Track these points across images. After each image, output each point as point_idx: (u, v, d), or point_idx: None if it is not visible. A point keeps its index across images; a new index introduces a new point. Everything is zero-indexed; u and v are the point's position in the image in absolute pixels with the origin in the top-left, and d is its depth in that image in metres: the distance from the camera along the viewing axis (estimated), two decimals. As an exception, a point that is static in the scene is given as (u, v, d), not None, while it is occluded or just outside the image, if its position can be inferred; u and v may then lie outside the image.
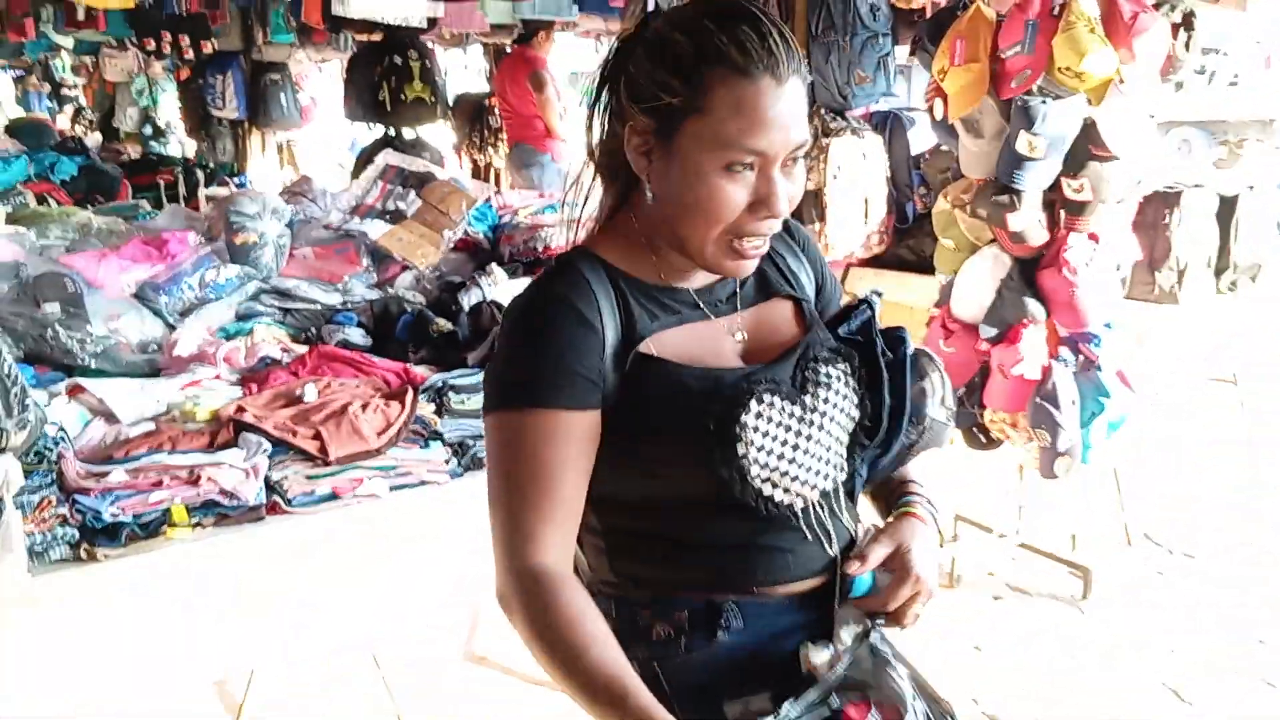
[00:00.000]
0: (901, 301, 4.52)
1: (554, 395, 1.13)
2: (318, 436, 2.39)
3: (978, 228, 3.65)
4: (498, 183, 7.43)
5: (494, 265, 3.32)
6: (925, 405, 1.37)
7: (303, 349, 3.00)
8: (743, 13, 1.13)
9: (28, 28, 8.04)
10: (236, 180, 7.49)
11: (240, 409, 2.45)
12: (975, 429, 3.80)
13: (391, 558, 2.40)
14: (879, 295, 1.35)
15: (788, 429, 1.20)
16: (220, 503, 2.25)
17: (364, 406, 2.49)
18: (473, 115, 7.28)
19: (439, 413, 2.60)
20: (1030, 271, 3.55)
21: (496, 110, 7.15)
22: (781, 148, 1.12)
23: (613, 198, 1.28)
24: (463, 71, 8.36)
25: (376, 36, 6.86)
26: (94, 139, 7.97)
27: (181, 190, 6.73)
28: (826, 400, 1.25)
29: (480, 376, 2.74)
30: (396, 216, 3.72)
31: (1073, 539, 3.84)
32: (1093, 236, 3.48)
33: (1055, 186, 3.47)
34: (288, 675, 2.89)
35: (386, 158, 3.99)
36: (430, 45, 7.52)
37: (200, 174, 7.11)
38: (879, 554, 1.26)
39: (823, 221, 4.53)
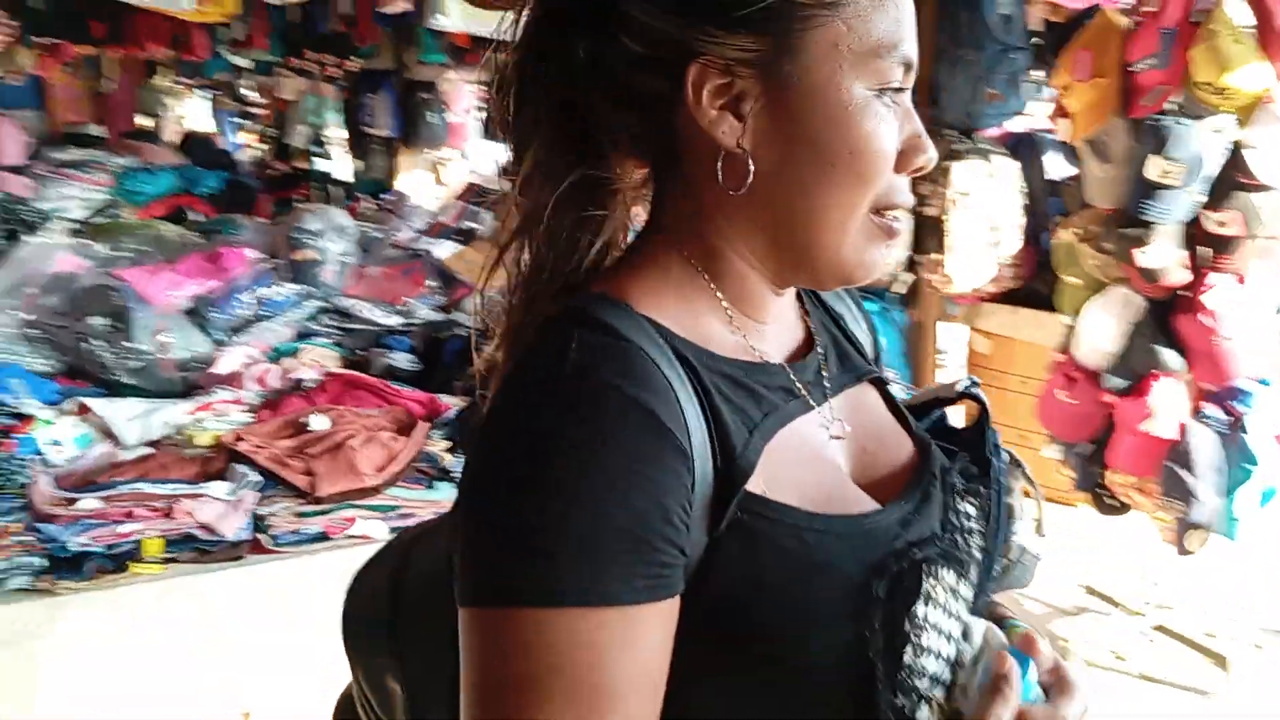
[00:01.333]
0: (1035, 341, 4.10)
1: (628, 579, 0.67)
2: (310, 471, 2.22)
3: (1105, 264, 3.22)
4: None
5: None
6: (1013, 531, 1.01)
7: (342, 373, 2.86)
8: None
9: (197, 47, 8.42)
10: (382, 196, 7.59)
11: (238, 437, 2.31)
12: (1100, 490, 3.35)
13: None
14: (976, 384, 0.96)
15: (948, 612, 0.78)
16: (198, 537, 2.11)
17: (368, 440, 2.31)
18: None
19: (454, 449, 2.40)
20: (1165, 315, 3.11)
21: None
22: (914, 69, 0.78)
23: (618, 221, 0.82)
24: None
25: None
26: (248, 154, 8.22)
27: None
28: (969, 553, 0.84)
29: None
30: (469, 236, 3.57)
31: (1211, 623, 3.35)
32: (1239, 277, 3.01)
33: (1196, 220, 3.02)
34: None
35: (469, 176, 3.85)
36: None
37: (338, 189, 7.21)
38: (1047, 657, 0.82)
39: (943, 252, 4.15)
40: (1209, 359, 3.02)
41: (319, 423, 2.39)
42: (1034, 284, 4.29)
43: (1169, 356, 3.07)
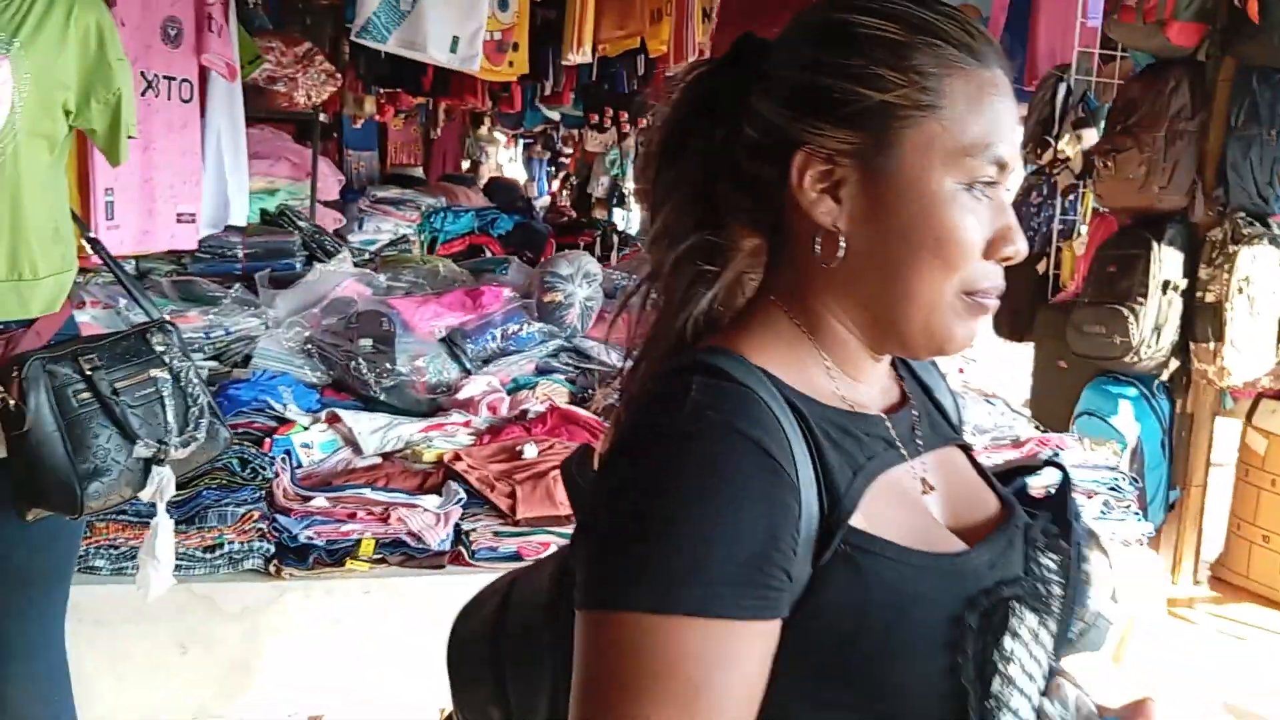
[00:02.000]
0: (1318, 447, 3.73)
1: (737, 597, 0.73)
2: (513, 495, 2.39)
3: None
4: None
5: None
6: (1088, 595, 1.05)
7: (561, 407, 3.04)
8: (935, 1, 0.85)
9: (516, 100, 9.12)
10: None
11: (456, 456, 2.52)
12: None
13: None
14: (1058, 455, 1.02)
15: (1030, 653, 0.83)
16: (407, 543, 2.32)
17: (570, 473, 2.45)
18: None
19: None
20: None
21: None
22: (1016, 165, 0.85)
23: (729, 283, 0.90)
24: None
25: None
26: (543, 201, 8.78)
27: (597, 250, 7.20)
28: (1039, 590, 0.89)
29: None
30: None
31: None
32: None
33: None
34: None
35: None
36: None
37: (616, 238, 7.57)
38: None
39: (1220, 341, 3.87)
40: None
41: (530, 451, 2.56)
42: (1324, 384, 3.92)
43: None
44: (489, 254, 6.53)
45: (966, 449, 1.00)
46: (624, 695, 0.73)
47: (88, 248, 2.06)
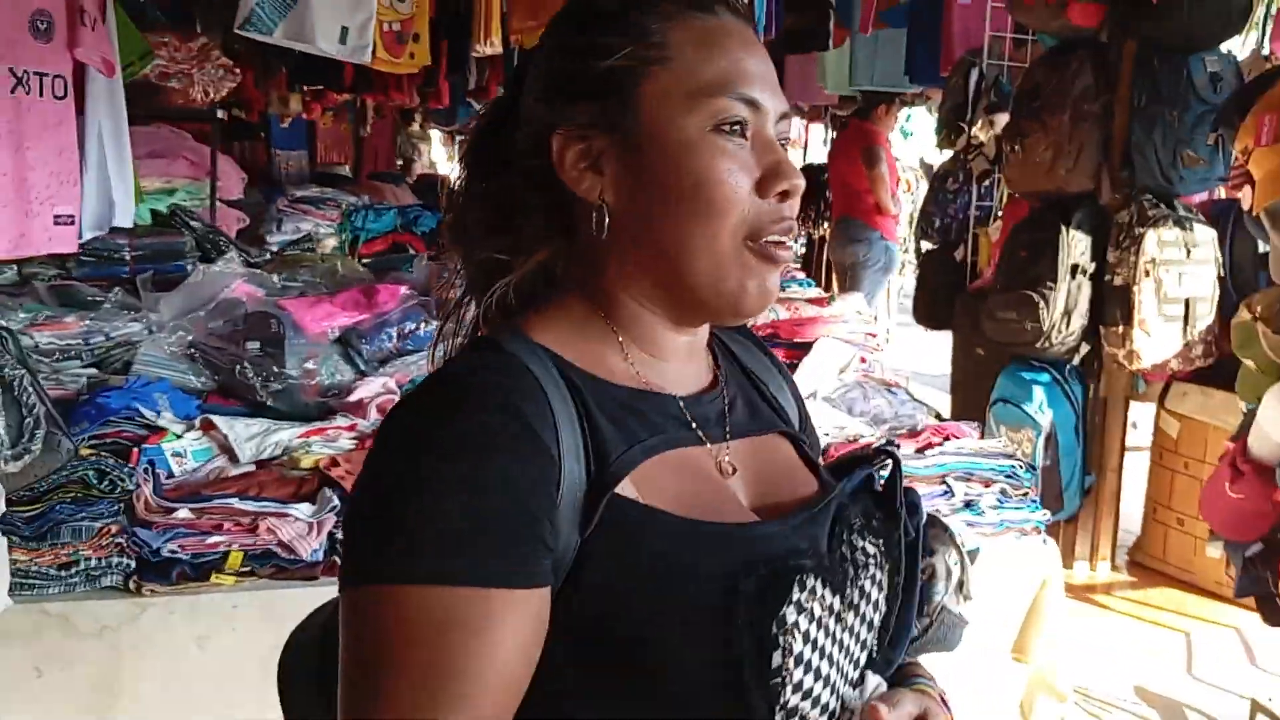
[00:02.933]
0: (1227, 426, 3.74)
1: (493, 565, 0.72)
2: (390, 500, 2.31)
3: (1283, 347, 2.91)
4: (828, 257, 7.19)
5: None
6: (934, 590, 1.02)
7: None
8: None
9: (444, 96, 8.98)
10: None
11: (333, 462, 2.43)
12: (1271, 600, 3.01)
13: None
14: (896, 447, 0.98)
15: (827, 631, 0.81)
16: (278, 554, 2.23)
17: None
18: (810, 188, 7.09)
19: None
20: (1352, 408, 2.77)
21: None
22: (771, 103, 0.84)
23: (525, 277, 0.90)
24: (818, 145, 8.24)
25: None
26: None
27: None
28: (862, 588, 0.86)
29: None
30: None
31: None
32: None
33: (1395, 302, 2.69)
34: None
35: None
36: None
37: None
38: (906, 712, 0.85)
39: (1128, 324, 3.89)
40: (1401, 461, 2.67)
41: (413, 455, 2.48)
42: (1231, 364, 3.93)
43: (1353, 455, 2.73)
44: (412, 252, 6.42)
45: (794, 439, 0.98)
46: (372, 671, 0.72)
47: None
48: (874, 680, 0.87)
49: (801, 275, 3.85)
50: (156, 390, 2.72)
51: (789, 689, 0.78)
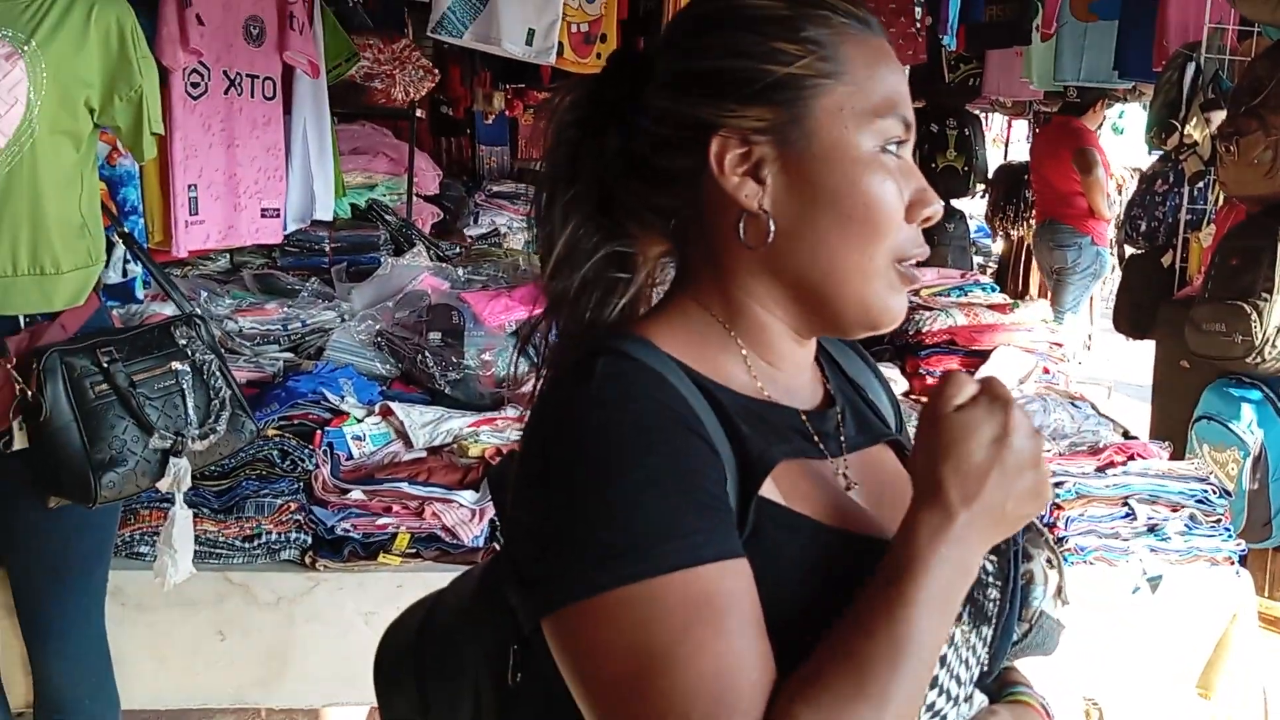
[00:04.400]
0: None
1: (717, 537, 0.73)
2: (550, 492, 2.36)
3: None
4: (1029, 259, 6.90)
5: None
6: (1032, 595, 1.01)
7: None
8: None
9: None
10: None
11: (498, 452, 2.50)
12: None
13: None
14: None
15: (955, 648, 0.85)
16: (441, 538, 2.32)
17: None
18: (1010, 186, 6.83)
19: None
20: None
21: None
22: (912, 127, 0.86)
23: (640, 282, 0.89)
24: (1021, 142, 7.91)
25: (919, 103, 6.77)
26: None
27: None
28: (981, 605, 0.88)
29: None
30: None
31: None
32: None
33: None
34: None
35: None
36: (979, 113, 7.23)
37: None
38: None
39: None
40: None
41: (575, 448, 2.52)
42: None
43: None
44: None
45: (898, 446, 0.98)
46: (647, 675, 0.69)
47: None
48: (979, 698, 0.89)
49: (985, 279, 3.70)
50: (342, 375, 2.86)
51: (926, 713, 0.81)
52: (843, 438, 0.91)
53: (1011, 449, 0.75)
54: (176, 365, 1.94)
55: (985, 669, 0.90)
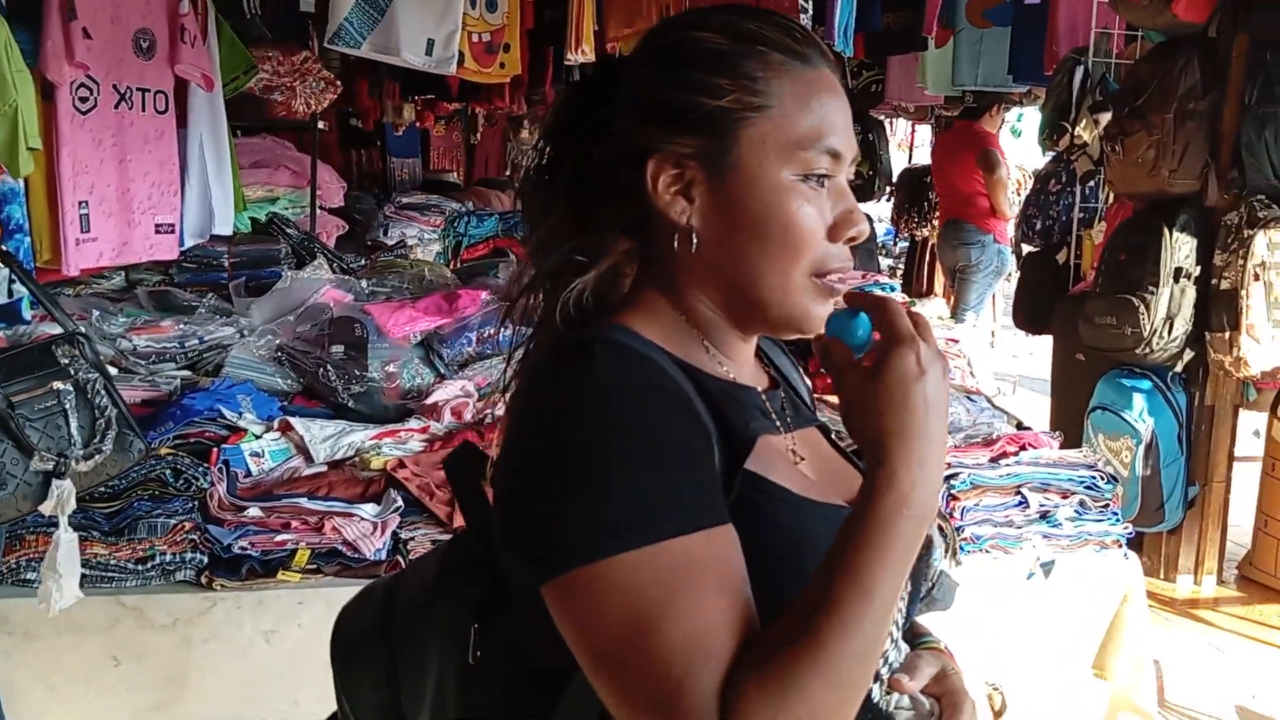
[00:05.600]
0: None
1: (706, 507, 0.80)
2: (453, 502, 2.35)
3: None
4: (933, 259, 7.05)
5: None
6: (933, 556, 1.08)
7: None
8: (762, 9, 0.95)
9: (550, 102, 9.08)
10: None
11: (400, 464, 2.49)
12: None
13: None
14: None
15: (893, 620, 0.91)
16: (343, 553, 2.29)
17: (513, 479, 2.40)
18: (914, 189, 6.97)
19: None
20: None
21: (935, 185, 6.80)
22: (848, 151, 0.92)
23: (608, 275, 0.96)
24: (925, 146, 8.08)
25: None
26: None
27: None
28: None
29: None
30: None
31: None
32: None
33: None
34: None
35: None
36: (883, 119, 7.36)
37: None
38: (926, 673, 0.99)
39: (1237, 330, 3.71)
40: None
41: (479, 458, 2.51)
42: (1351, 373, 3.72)
43: None
44: (512, 257, 6.51)
45: (824, 430, 1.08)
46: (640, 637, 0.75)
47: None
48: (903, 648, 0.99)
49: (885, 279, 3.78)
50: (240, 392, 2.82)
51: None
52: (788, 418, 1.00)
53: (938, 395, 0.81)
54: (58, 385, 1.89)
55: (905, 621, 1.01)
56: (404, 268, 4.01)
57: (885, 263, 8.92)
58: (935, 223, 6.75)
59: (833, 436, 1.09)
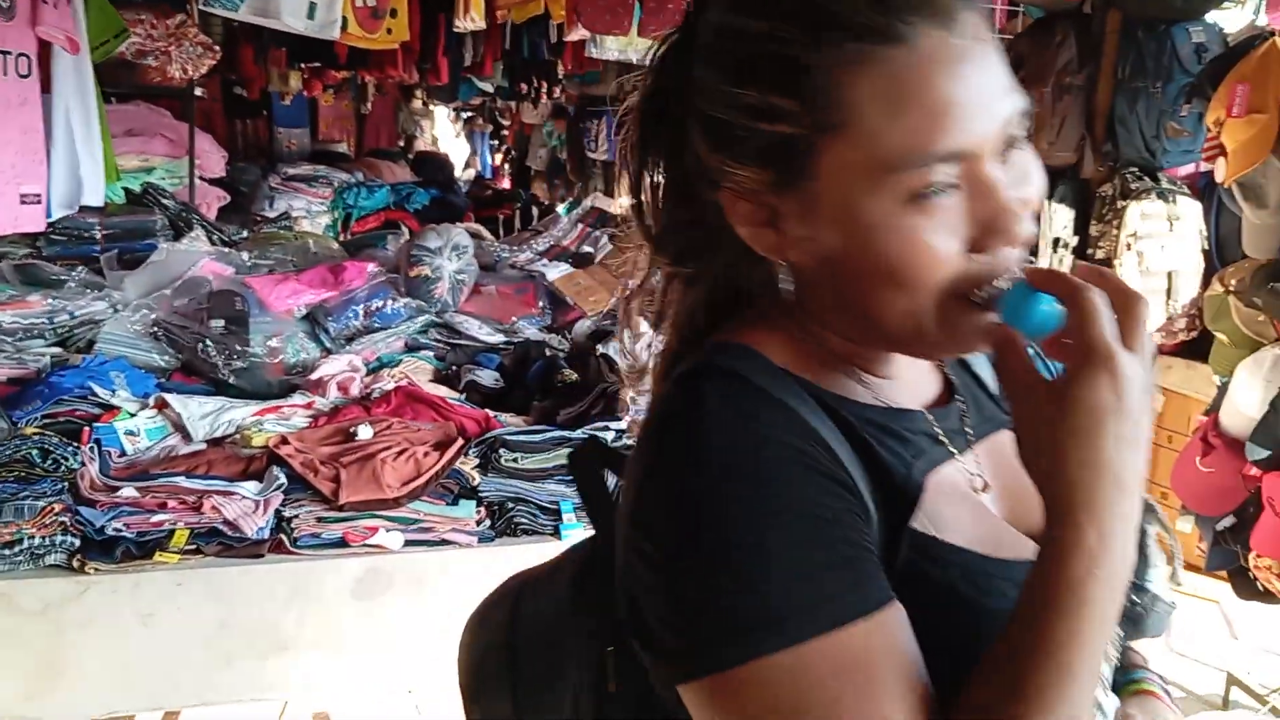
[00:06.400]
0: (1209, 400, 3.70)
1: (853, 594, 0.67)
2: (338, 478, 2.30)
3: (1255, 321, 2.86)
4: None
5: (640, 318, 3.08)
6: (1147, 575, 0.97)
7: (440, 388, 2.95)
8: None
9: (443, 72, 8.92)
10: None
11: (283, 440, 2.43)
12: (1243, 573, 2.97)
13: (383, 617, 2.25)
14: None
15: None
16: (224, 533, 2.23)
17: (401, 454, 2.37)
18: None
19: (483, 469, 2.42)
20: (1323, 383, 2.72)
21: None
22: (987, 130, 0.68)
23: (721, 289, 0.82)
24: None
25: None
26: (468, 175, 8.61)
27: (517, 224, 7.11)
28: None
29: (543, 435, 2.53)
30: (584, 260, 3.59)
31: None
32: None
33: (1367, 275, 2.64)
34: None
35: (595, 200, 3.88)
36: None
37: (537, 210, 7.48)
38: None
39: (1110, 299, 3.81)
40: (1370, 436, 2.62)
41: (364, 433, 2.47)
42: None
43: (1322, 430, 2.69)
44: (404, 230, 6.41)
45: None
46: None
47: None
48: (1111, 702, 0.85)
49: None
50: (113, 369, 2.71)
51: None
52: (968, 430, 0.83)
53: (1137, 428, 0.65)
54: (-91, 362, 1.80)
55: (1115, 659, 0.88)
56: (287, 240, 3.91)
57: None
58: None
59: None
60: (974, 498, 0.79)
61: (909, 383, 0.81)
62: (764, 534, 0.66)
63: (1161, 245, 3.77)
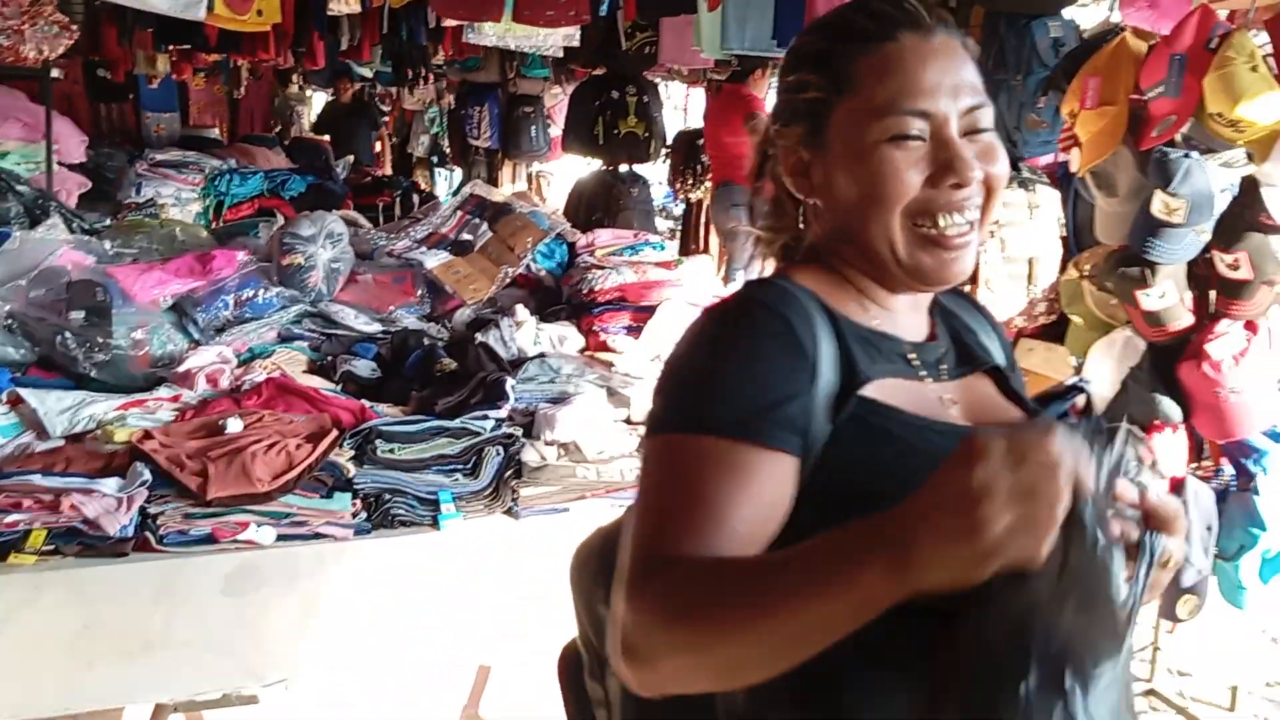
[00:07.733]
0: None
1: (743, 425, 0.91)
2: (204, 473, 2.24)
3: (1108, 304, 3.00)
4: (708, 220, 7.22)
5: (519, 307, 3.08)
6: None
7: (315, 379, 2.90)
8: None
9: (319, 57, 8.69)
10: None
11: (147, 435, 2.35)
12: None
13: (256, 613, 2.21)
14: (1087, 382, 1.12)
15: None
16: (84, 532, 2.15)
17: (272, 446, 2.32)
18: (688, 152, 7.09)
19: (358, 460, 2.39)
20: (1168, 362, 2.86)
21: (708, 148, 6.93)
22: (949, 105, 1.00)
23: (790, 239, 1.15)
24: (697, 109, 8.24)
25: (599, 71, 6.87)
26: (346, 162, 8.42)
27: (397, 211, 7.00)
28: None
29: (420, 425, 2.51)
30: (463, 248, 3.57)
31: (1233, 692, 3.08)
32: (1250, 325, 2.75)
33: (1208, 262, 2.78)
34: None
35: (473, 188, 3.85)
36: (658, 81, 7.45)
37: (418, 197, 7.38)
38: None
39: (975, 283, 3.94)
40: (1211, 411, 2.77)
41: (234, 426, 2.41)
42: (1075, 321, 4.04)
43: (1168, 406, 2.83)
44: (279, 217, 6.25)
45: (997, 377, 1.14)
46: (660, 499, 0.91)
47: None
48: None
49: (655, 238, 3.83)
50: (-36, 363, 2.59)
51: None
52: (943, 368, 1.08)
53: (1012, 531, 0.71)
54: None
55: None
56: (153, 228, 3.78)
57: (665, 225, 9.06)
58: (708, 185, 6.88)
59: (1009, 383, 1.13)
60: (930, 402, 1.03)
61: (903, 320, 1.08)
62: (722, 364, 0.95)
63: (1024, 232, 3.92)
